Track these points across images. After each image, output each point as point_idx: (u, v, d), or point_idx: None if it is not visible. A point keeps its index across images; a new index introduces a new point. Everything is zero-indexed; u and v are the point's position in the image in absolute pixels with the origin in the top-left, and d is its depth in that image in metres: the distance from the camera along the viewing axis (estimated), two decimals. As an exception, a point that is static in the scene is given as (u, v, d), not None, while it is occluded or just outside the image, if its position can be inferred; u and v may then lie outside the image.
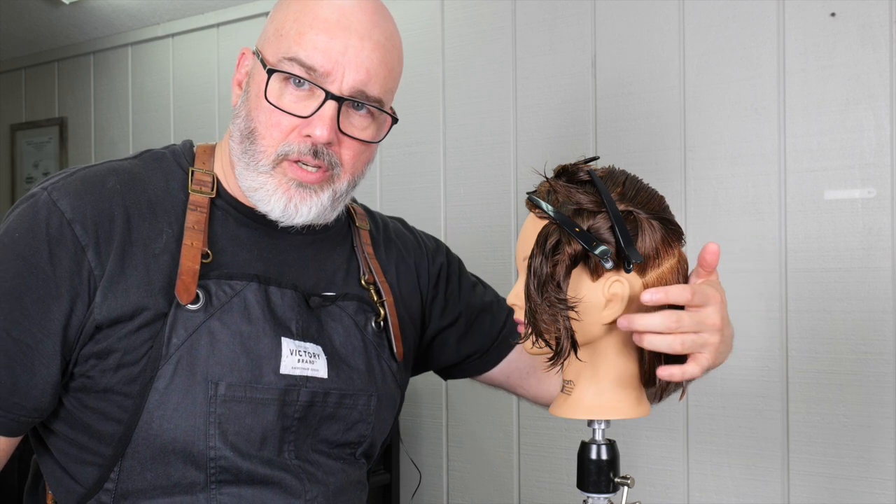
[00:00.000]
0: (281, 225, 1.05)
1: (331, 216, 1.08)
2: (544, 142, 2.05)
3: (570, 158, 1.04)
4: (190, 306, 0.99)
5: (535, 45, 2.07)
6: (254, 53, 1.07)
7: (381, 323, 1.15)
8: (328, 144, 1.01)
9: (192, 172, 1.08)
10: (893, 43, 1.65)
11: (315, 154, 1.01)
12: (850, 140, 1.68)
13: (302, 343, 1.05)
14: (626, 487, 0.99)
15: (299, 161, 1.02)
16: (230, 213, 1.08)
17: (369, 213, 1.27)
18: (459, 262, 1.34)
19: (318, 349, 1.06)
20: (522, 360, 1.31)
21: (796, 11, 1.74)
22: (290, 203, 1.03)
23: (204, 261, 1.02)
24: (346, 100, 1.01)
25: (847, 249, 1.69)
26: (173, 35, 2.83)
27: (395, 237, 1.27)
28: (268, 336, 1.02)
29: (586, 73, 1.99)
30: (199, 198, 1.05)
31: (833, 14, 1.70)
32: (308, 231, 1.10)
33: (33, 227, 0.98)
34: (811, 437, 1.72)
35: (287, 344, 1.03)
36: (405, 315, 1.21)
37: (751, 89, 1.78)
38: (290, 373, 1.03)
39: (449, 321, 1.28)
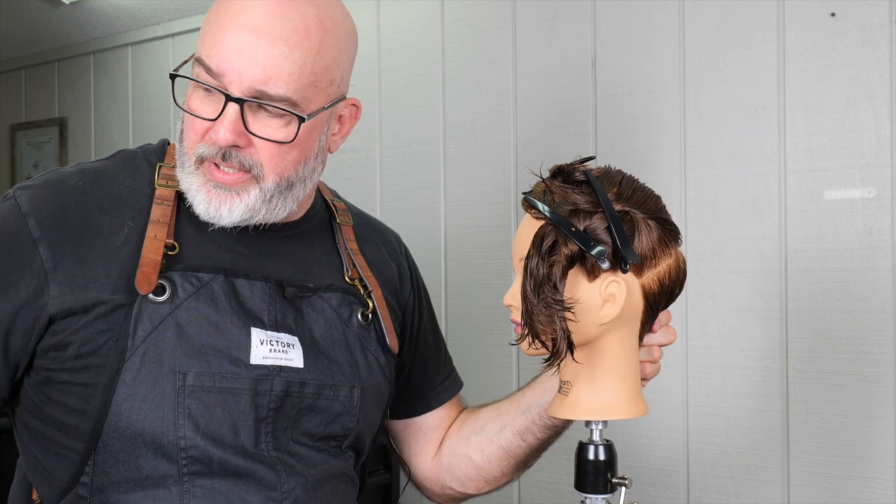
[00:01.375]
0: (210, 227, 1.05)
1: (271, 215, 1.06)
2: (544, 142, 2.05)
3: (569, 158, 1.04)
4: (155, 298, 0.99)
5: (535, 45, 2.07)
6: None
7: (369, 315, 1.15)
8: (236, 147, 1.01)
9: (160, 168, 1.08)
10: (893, 43, 1.64)
11: (224, 157, 1.01)
12: (850, 140, 1.68)
13: (275, 333, 1.05)
14: (623, 488, 0.99)
15: (213, 163, 1.03)
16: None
17: (354, 212, 1.27)
18: (429, 297, 1.35)
19: (293, 339, 1.06)
20: (433, 424, 1.31)
21: (796, 11, 1.73)
22: (210, 205, 1.03)
23: (170, 253, 1.02)
24: (247, 101, 0.99)
25: (847, 249, 1.69)
26: (173, 35, 2.83)
27: (380, 242, 1.27)
28: (236, 327, 1.02)
29: (586, 73, 1.99)
30: (165, 192, 1.06)
31: (833, 14, 1.69)
32: (277, 227, 1.11)
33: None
34: (811, 437, 1.72)
35: (257, 334, 1.03)
36: (390, 312, 1.21)
37: (751, 89, 1.78)
38: (262, 363, 1.02)
39: (412, 347, 1.28)
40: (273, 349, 1.04)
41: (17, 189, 1.04)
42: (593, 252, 0.92)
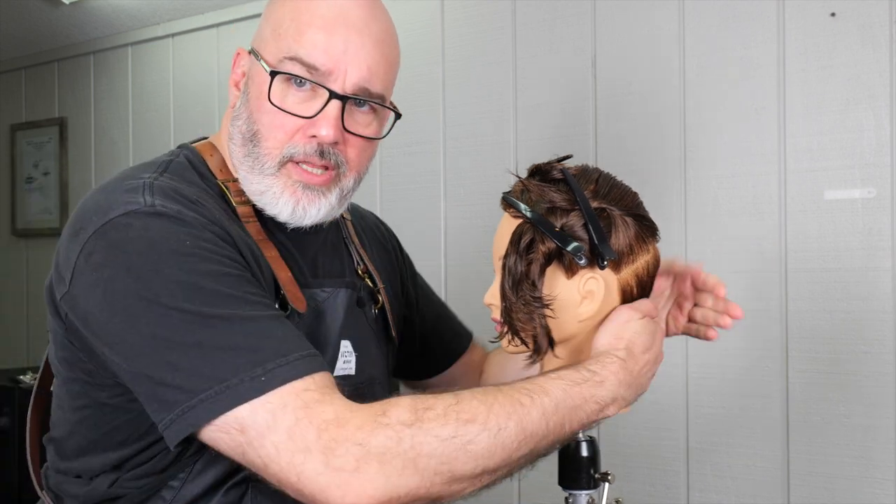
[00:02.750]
0: (290, 227, 1.04)
1: (338, 213, 1.08)
2: (544, 142, 2.05)
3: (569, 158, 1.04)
4: (282, 313, 0.97)
5: (535, 45, 2.07)
6: (250, 53, 1.06)
7: (378, 310, 1.17)
8: (334, 144, 1.00)
9: (226, 185, 1.04)
10: (893, 43, 1.64)
11: (321, 154, 1.00)
12: (850, 140, 1.68)
13: (346, 342, 1.07)
14: (606, 483, 0.99)
15: (304, 162, 1.01)
16: (264, 217, 1.06)
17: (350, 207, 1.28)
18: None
19: (350, 346, 1.08)
20: (461, 371, 1.34)
21: (796, 11, 1.73)
22: (297, 206, 1.02)
23: None
24: (350, 98, 1.00)
25: (847, 249, 1.69)
26: (173, 35, 2.83)
27: (373, 227, 1.30)
28: (335, 341, 1.05)
29: (586, 73, 1.99)
30: (245, 209, 1.03)
31: (833, 14, 1.69)
32: (316, 226, 1.09)
33: (190, 226, 0.91)
34: (811, 437, 1.72)
35: (340, 346, 1.06)
36: (392, 300, 1.24)
37: (751, 89, 1.78)
38: (337, 374, 1.05)
39: (421, 312, 1.31)
40: (345, 360, 1.07)
41: (154, 205, 0.92)
42: (569, 248, 0.93)
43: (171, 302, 0.85)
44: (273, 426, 0.81)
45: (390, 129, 1.08)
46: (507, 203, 0.99)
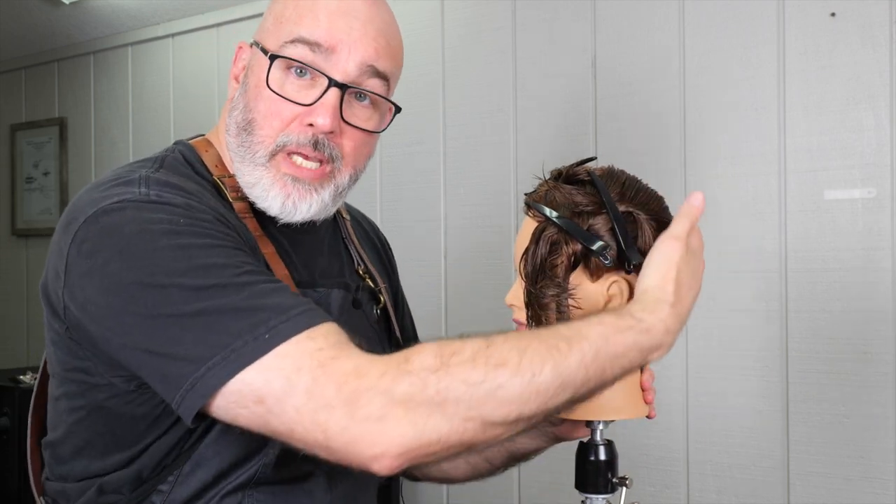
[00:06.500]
0: (280, 222, 1.02)
1: (331, 211, 1.06)
2: (544, 142, 2.05)
3: (570, 158, 1.04)
4: None
5: (535, 45, 2.07)
6: (251, 45, 1.05)
7: (379, 311, 1.15)
8: (330, 134, 0.98)
9: (222, 180, 1.02)
10: (893, 43, 1.64)
11: (315, 145, 0.98)
12: (850, 140, 1.68)
13: None
14: (624, 488, 0.99)
15: (296, 153, 0.99)
16: (260, 213, 1.04)
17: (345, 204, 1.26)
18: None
19: None
20: None
21: (796, 11, 1.73)
22: (287, 200, 0.99)
23: None
24: (350, 87, 0.98)
25: (847, 249, 1.68)
26: (173, 35, 2.83)
27: (369, 231, 1.27)
28: None
29: (586, 73, 1.99)
30: (242, 205, 1.01)
31: (833, 14, 1.69)
32: (311, 225, 1.06)
33: (185, 208, 0.90)
34: (811, 437, 1.72)
35: None
36: (392, 301, 1.22)
37: (751, 89, 1.78)
38: None
39: (401, 326, 1.28)
40: None
41: (136, 197, 0.90)
42: (594, 247, 0.92)
43: (167, 279, 0.84)
44: (290, 390, 0.78)
45: (389, 122, 1.06)
46: (531, 206, 0.98)
